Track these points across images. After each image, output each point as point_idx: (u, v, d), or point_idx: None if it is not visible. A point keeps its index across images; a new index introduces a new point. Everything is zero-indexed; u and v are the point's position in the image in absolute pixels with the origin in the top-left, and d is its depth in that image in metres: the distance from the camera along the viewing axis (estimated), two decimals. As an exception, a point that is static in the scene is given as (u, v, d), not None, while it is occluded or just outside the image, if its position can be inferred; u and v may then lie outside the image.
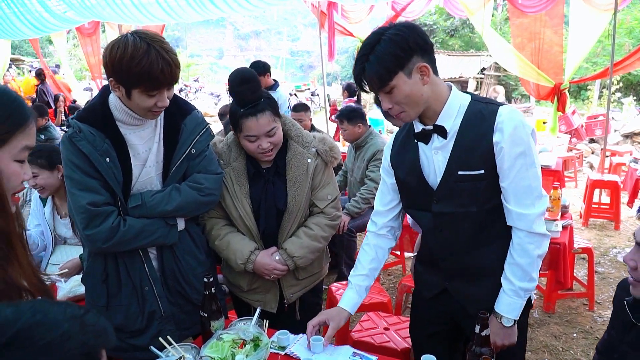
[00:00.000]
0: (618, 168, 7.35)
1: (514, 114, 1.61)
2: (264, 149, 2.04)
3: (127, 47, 1.67)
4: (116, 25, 9.38)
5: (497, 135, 1.59)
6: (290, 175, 2.13)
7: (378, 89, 1.60)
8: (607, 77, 6.69)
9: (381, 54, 1.54)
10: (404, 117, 1.65)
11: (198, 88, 23.43)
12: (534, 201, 1.62)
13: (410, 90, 1.58)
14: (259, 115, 2.00)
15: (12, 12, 7.35)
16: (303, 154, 2.15)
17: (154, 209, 1.90)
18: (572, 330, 3.66)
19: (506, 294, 1.68)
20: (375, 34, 1.59)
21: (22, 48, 23.03)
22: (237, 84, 2.02)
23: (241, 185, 2.13)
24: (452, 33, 23.91)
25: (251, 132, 2.02)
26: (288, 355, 1.79)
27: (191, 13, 6.98)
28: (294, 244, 2.13)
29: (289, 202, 2.12)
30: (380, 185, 1.98)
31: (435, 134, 1.68)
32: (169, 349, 1.69)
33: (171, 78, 1.75)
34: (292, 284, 2.23)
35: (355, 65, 1.63)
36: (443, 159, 1.68)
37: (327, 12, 8.20)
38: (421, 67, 1.57)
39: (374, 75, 1.57)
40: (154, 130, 1.93)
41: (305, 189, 2.13)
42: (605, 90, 11.23)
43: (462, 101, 1.67)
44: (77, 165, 1.81)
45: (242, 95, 2.02)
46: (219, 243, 2.16)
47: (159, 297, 2.00)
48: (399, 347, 2.58)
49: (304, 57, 64.64)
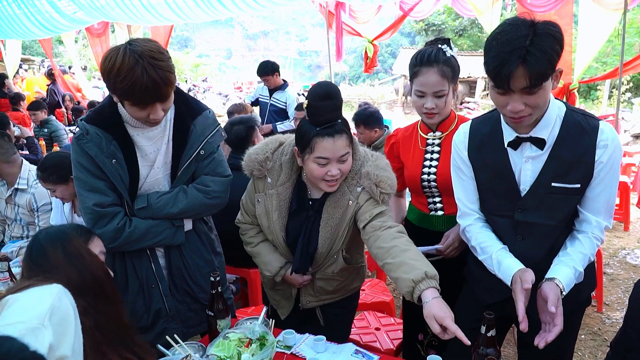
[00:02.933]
0: (628, 169, 7.28)
1: (614, 133, 1.60)
2: (332, 176, 1.82)
3: (116, 60, 1.65)
4: (125, 26, 9.44)
5: (599, 152, 1.57)
6: (325, 216, 1.94)
7: (531, 87, 1.43)
8: (616, 77, 6.63)
9: (546, 49, 1.40)
10: (525, 121, 1.54)
11: (206, 88, 23.47)
12: (607, 214, 1.65)
13: (547, 93, 1.50)
14: (337, 136, 1.79)
15: (22, 13, 7.43)
16: (344, 194, 1.91)
17: (160, 210, 1.91)
18: (580, 331, 3.61)
19: (569, 270, 1.60)
20: (524, 25, 1.43)
21: (33, 48, 23.21)
22: (319, 98, 1.79)
23: (281, 216, 1.98)
24: (460, 33, 23.83)
25: (325, 154, 1.79)
26: (294, 354, 1.80)
27: (200, 13, 7.01)
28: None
29: (319, 244, 1.95)
30: (460, 181, 1.84)
31: (529, 142, 1.63)
32: (176, 347, 1.71)
33: (156, 96, 1.71)
34: (310, 294, 2.11)
35: (501, 56, 1.42)
36: (534, 168, 1.64)
37: (335, 12, 8.19)
38: (559, 72, 1.51)
39: (539, 70, 1.41)
40: (163, 131, 1.94)
41: (339, 233, 1.94)
42: (615, 90, 11.15)
43: (559, 111, 1.62)
44: (84, 166, 1.83)
45: (321, 111, 1.79)
46: (251, 250, 2.12)
47: (164, 295, 2.02)
48: (383, 347, 2.60)
49: (312, 57, 64.62)
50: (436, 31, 24.25)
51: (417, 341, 2.32)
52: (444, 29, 23.97)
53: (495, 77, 1.46)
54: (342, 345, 1.85)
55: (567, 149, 1.59)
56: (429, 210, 2.19)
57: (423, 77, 2.00)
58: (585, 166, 1.59)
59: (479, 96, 19.21)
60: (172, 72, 1.73)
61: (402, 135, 2.29)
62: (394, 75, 24.18)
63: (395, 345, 2.61)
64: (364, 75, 28.19)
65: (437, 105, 2.02)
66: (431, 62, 1.99)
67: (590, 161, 1.59)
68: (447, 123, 2.13)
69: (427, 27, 24.66)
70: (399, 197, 2.44)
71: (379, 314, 2.96)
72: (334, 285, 2.08)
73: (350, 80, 32.83)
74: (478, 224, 1.82)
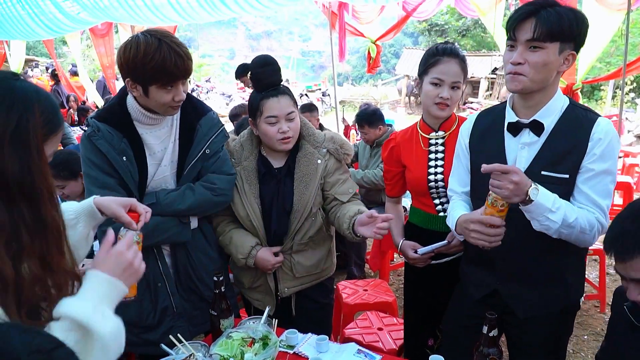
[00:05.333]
0: (631, 169, 7.27)
1: (610, 127, 1.62)
2: (284, 131, 2.04)
3: (139, 45, 1.72)
4: (129, 26, 9.46)
5: (591, 145, 1.59)
6: (298, 175, 2.13)
7: (537, 38, 1.53)
8: (620, 77, 6.61)
9: (562, 13, 1.53)
10: (521, 80, 1.60)
11: (209, 88, 23.49)
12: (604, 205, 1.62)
13: (551, 63, 1.57)
14: (280, 96, 2.04)
15: (26, 14, 7.44)
16: (313, 154, 2.15)
17: (168, 207, 1.94)
18: (583, 332, 3.64)
19: (558, 208, 1.54)
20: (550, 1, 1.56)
21: (37, 49, 23.27)
22: (260, 66, 2.06)
23: (251, 185, 2.14)
24: (463, 33, 23.78)
25: (273, 112, 2.03)
26: (296, 354, 1.81)
27: (203, 14, 7.01)
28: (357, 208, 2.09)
29: (294, 202, 2.11)
30: (456, 167, 1.96)
31: (528, 128, 1.67)
32: (179, 346, 1.72)
33: (184, 70, 1.80)
34: (288, 279, 2.21)
35: (519, 9, 1.59)
36: (528, 156, 1.67)
37: (338, 12, 8.19)
38: (570, 55, 1.59)
39: (547, 25, 1.52)
40: (170, 130, 1.99)
41: (312, 188, 2.12)
42: (619, 90, 11.12)
43: (563, 103, 1.67)
44: (95, 163, 1.87)
45: (263, 76, 2.05)
46: (222, 239, 2.18)
47: (171, 293, 2.05)
48: (385, 347, 2.61)
49: (315, 57, 64.63)
50: (439, 31, 24.23)
51: (426, 347, 2.30)
52: (447, 30, 23.95)
53: (507, 25, 1.59)
54: (345, 345, 1.86)
55: (562, 139, 1.62)
56: (437, 211, 2.18)
57: (444, 65, 2.02)
58: (575, 157, 1.61)
59: (482, 97, 19.19)
60: (188, 50, 1.83)
61: (401, 138, 2.27)
62: (397, 76, 24.16)
63: (397, 345, 2.62)
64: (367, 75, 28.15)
65: (452, 97, 2.04)
66: (452, 53, 2.04)
67: (580, 152, 1.60)
68: (450, 122, 2.14)
69: (430, 27, 24.63)
70: (397, 203, 2.43)
71: (381, 314, 2.97)
72: (311, 259, 2.21)
73: (353, 80, 32.79)
74: (459, 199, 1.93)
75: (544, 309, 1.76)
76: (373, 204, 4.48)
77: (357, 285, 3.36)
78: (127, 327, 2.12)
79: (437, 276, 2.19)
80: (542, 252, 1.71)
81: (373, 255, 4.14)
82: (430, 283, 2.23)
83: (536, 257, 1.72)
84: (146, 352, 2.05)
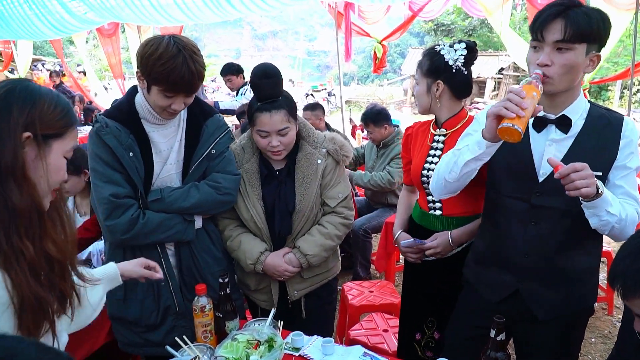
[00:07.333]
0: (639, 170, 7.21)
1: (635, 125, 1.64)
2: (273, 147, 2.05)
3: (159, 46, 1.75)
4: (135, 27, 9.49)
5: (623, 142, 1.61)
6: (299, 175, 2.14)
7: (567, 39, 1.50)
8: (628, 78, 6.57)
9: (589, 13, 1.51)
10: (547, 82, 1.56)
11: (215, 88, 23.57)
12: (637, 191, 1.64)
13: (578, 64, 1.54)
14: (274, 112, 2.01)
15: (33, 14, 7.48)
16: (313, 155, 2.15)
17: (172, 204, 1.95)
18: (590, 334, 3.61)
19: (614, 201, 1.54)
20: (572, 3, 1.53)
21: (44, 49, 23.40)
22: (258, 77, 2.04)
23: (254, 187, 2.14)
24: (470, 33, 23.72)
25: (263, 127, 2.03)
26: (302, 356, 1.80)
27: (209, 14, 7.02)
28: (307, 242, 2.13)
29: (296, 202, 2.12)
30: (461, 140, 1.87)
31: (553, 125, 1.65)
32: (185, 348, 1.71)
33: (190, 86, 1.81)
34: (297, 282, 2.20)
35: (545, 10, 1.55)
36: (557, 153, 1.64)
37: (344, 12, 8.18)
38: (596, 57, 1.57)
39: (577, 25, 1.49)
40: (177, 129, 2.01)
41: (313, 189, 2.13)
42: (627, 90, 11.05)
43: (586, 103, 1.67)
44: (102, 158, 1.88)
45: (261, 89, 2.03)
46: (230, 244, 2.17)
47: (174, 293, 2.05)
48: (391, 349, 2.60)
49: (321, 57, 64.72)
50: (445, 31, 24.18)
51: (414, 341, 2.31)
52: (454, 29, 23.89)
53: (532, 26, 1.55)
54: (351, 347, 1.85)
55: (592, 137, 1.62)
56: (428, 208, 2.19)
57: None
58: (608, 154, 1.61)
59: (489, 96, 19.14)
60: (204, 70, 1.86)
61: (417, 128, 2.30)
62: (403, 76, 24.14)
63: (403, 346, 2.60)
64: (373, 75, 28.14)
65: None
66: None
67: (613, 149, 1.61)
68: (455, 120, 2.12)
69: (436, 27, 24.58)
70: (411, 192, 2.42)
71: (387, 315, 2.96)
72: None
73: (359, 80, 32.80)
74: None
75: (564, 310, 1.72)
76: (379, 205, 4.47)
77: (363, 286, 3.35)
78: (129, 326, 2.13)
79: (429, 273, 2.21)
80: (567, 248, 1.68)
81: (379, 256, 4.12)
82: (423, 279, 2.26)
83: (562, 253, 1.69)
84: (150, 353, 2.06)
